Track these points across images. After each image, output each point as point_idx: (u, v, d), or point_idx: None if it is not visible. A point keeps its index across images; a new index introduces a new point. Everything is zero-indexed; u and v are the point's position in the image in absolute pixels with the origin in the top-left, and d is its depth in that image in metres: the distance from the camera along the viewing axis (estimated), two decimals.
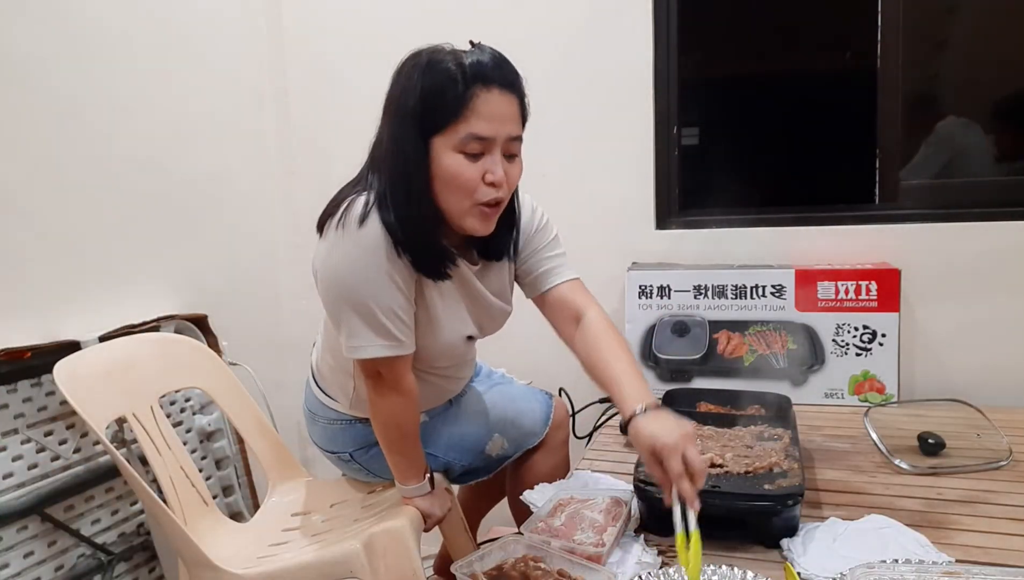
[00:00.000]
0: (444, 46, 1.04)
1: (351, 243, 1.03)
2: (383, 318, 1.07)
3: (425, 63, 1.02)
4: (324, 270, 1.08)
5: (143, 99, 1.63)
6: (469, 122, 1.01)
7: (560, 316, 1.24)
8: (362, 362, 1.11)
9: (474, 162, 1.03)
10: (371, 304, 1.06)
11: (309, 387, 1.36)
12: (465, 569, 0.93)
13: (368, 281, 1.05)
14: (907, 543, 0.96)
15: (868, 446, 1.33)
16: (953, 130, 1.86)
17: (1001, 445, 1.29)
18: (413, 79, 1.02)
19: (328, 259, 1.07)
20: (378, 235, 1.03)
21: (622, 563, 0.96)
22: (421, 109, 1.01)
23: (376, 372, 1.12)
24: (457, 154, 1.02)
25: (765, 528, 1.00)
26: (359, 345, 1.08)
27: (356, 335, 1.08)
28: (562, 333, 1.25)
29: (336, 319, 1.10)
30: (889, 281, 1.62)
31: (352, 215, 1.04)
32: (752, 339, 1.71)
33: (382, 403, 1.15)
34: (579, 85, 1.84)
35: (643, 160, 1.84)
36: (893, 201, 1.78)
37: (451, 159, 1.02)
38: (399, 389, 1.13)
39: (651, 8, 1.78)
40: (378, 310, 1.06)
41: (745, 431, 1.27)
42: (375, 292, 1.06)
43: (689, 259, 1.80)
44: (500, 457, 1.35)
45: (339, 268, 1.06)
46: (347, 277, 1.06)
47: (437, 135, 1.02)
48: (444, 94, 1.00)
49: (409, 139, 1.03)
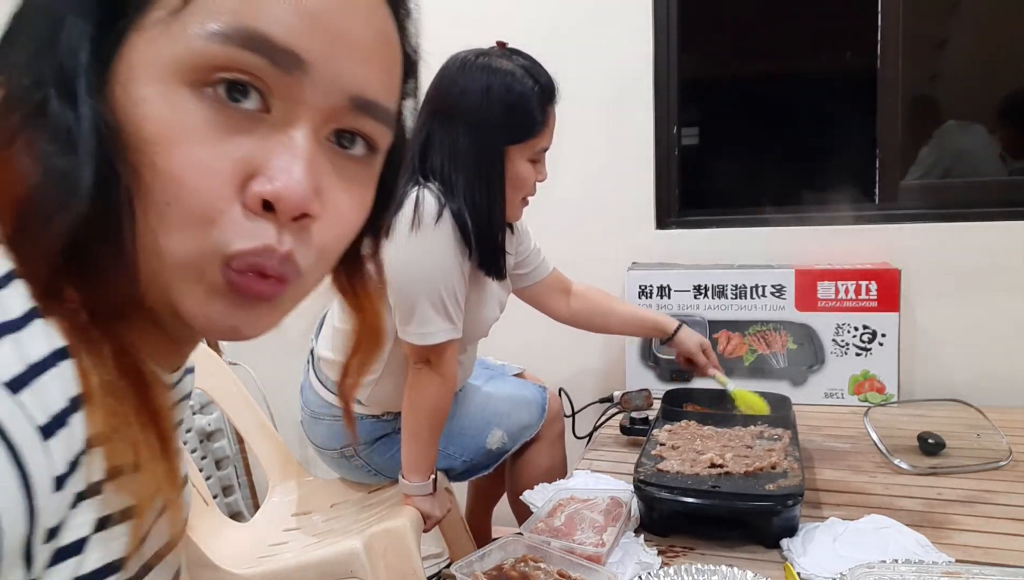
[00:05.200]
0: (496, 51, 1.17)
1: (433, 240, 1.12)
2: (451, 306, 1.16)
3: (502, 78, 1.13)
4: (405, 266, 1.14)
5: None
6: (542, 138, 1.18)
7: (552, 295, 1.48)
8: (414, 349, 1.18)
9: (533, 166, 1.20)
10: (444, 294, 1.15)
11: (311, 388, 1.37)
12: (465, 569, 0.93)
13: (447, 274, 1.15)
14: (907, 543, 0.96)
15: (868, 446, 1.33)
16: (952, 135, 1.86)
17: (1001, 445, 1.29)
18: (492, 91, 1.13)
19: (409, 256, 1.13)
20: (453, 231, 1.14)
21: (622, 563, 0.96)
22: (504, 122, 1.14)
23: (426, 358, 1.19)
24: (528, 162, 1.18)
25: (765, 528, 1.00)
26: (430, 331, 1.16)
27: (428, 323, 1.15)
28: (554, 308, 1.49)
29: (409, 311, 1.16)
30: (889, 281, 1.62)
31: (427, 213, 1.12)
32: (752, 339, 1.71)
33: (423, 390, 1.20)
34: (579, 85, 1.83)
35: (643, 160, 1.84)
36: (893, 201, 1.78)
37: (523, 167, 1.18)
38: (444, 373, 1.20)
39: (651, 8, 1.78)
40: (448, 299, 1.16)
41: (745, 431, 1.27)
42: (450, 283, 1.16)
43: (689, 259, 1.80)
44: (499, 451, 1.37)
45: (423, 264, 1.14)
46: (429, 272, 1.14)
47: (515, 145, 1.16)
48: (528, 113, 1.15)
49: (493, 148, 1.16)
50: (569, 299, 1.50)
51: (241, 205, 0.35)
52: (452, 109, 1.15)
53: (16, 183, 0.34)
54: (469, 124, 1.14)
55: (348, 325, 0.51)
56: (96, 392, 0.34)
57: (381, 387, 1.28)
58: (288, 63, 0.36)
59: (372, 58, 0.39)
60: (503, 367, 1.59)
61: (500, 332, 1.38)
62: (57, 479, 0.32)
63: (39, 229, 0.33)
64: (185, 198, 0.34)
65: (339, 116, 0.38)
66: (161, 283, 0.36)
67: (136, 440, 0.36)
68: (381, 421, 1.32)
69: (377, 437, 1.33)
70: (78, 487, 0.34)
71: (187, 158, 0.34)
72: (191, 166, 0.34)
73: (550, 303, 1.49)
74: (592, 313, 1.50)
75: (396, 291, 1.16)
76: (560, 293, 1.50)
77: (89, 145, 0.33)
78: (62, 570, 0.34)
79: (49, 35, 0.34)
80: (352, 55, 0.38)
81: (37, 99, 0.34)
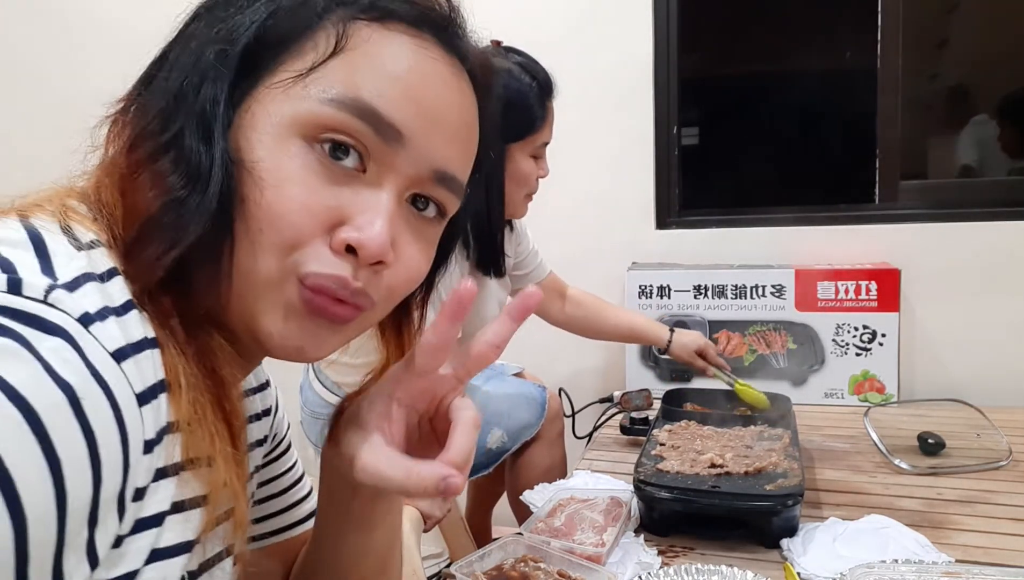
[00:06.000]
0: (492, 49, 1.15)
1: None
2: None
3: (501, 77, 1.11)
4: None
5: None
6: (543, 133, 1.18)
7: (547, 298, 1.48)
8: None
9: (535, 161, 1.19)
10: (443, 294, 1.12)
11: (311, 389, 1.37)
12: (465, 569, 0.93)
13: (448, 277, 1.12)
14: (907, 543, 0.96)
15: (868, 446, 1.33)
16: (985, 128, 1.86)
17: (1001, 445, 1.29)
18: None
19: None
20: None
21: (622, 563, 0.96)
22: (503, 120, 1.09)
23: None
24: (530, 158, 1.18)
25: (765, 528, 1.00)
26: None
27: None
28: (549, 311, 1.51)
29: None
30: (889, 281, 1.62)
31: None
32: (752, 339, 1.71)
33: None
34: (579, 85, 1.83)
35: (643, 160, 1.84)
36: (893, 201, 1.78)
37: (525, 163, 1.17)
38: None
39: (651, 8, 1.78)
40: None
41: (745, 431, 1.27)
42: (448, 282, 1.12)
43: (689, 259, 1.80)
44: (499, 450, 1.37)
45: None
46: None
47: (516, 142, 1.15)
48: (528, 109, 1.14)
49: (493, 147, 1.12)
50: (564, 303, 1.52)
51: (327, 246, 0.41)
52: None
53: (142, 204, 0.39)
54: None
55: None
56: (179, 382, 0.39)
57: None
58: (389, 135, 0.42)
59: (457, 139, 0.46)
60: (502, 367, 1.59)
61: None
62: (147, 443, 0.36)
63: (157, 244, 0.39)
64: (279, 228, 0.40)
65: (421, 184, 0.45)
66: (245, 302, 0.41)
67: (211, 433, 0.40)
68: None
69: None
70: (160, 462, 0.38)
71: (289, 196, 0.40)
72: (291, 203, 0.40)
73: (545, 306, 1.51)
74: (585, 319, 1.52)
75: None
76: (556, 296, 1.51)
77: (219, 180, 0.39)
78: (143, 539, 0.37)
79: (196, 84, 0.41)
80: (442, 135, 0.44)
81: (167, 138, 0.40)
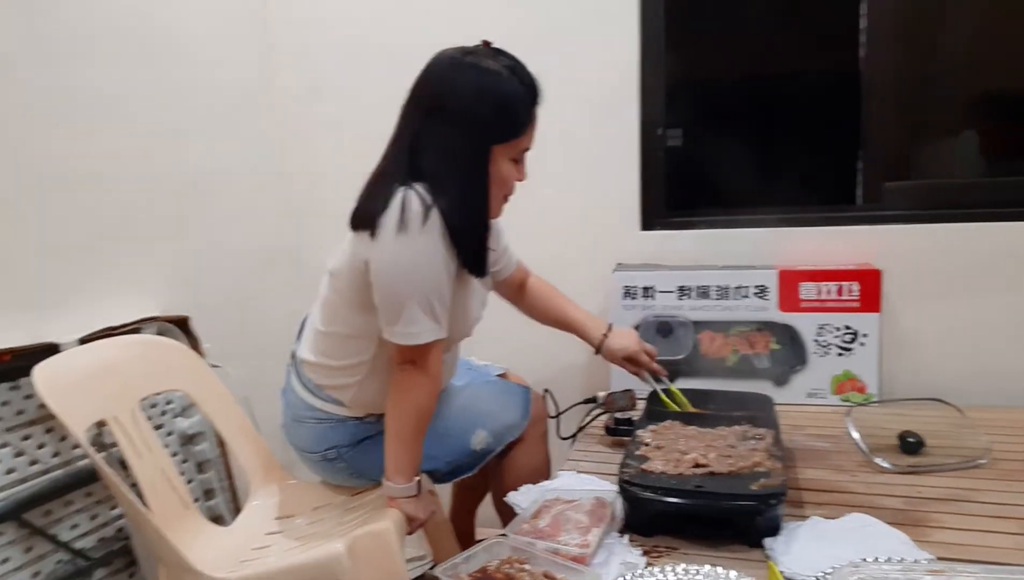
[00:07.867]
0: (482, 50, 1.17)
1: (420, 242, 1.12)
2: (437, 306, 1.16)
3: (493, 78, 1.14)
4: (394, 267, 1.14)
5: (127, 97, 1.61)
6: (526, 137, 1.20)
7: (510, 286, 1.52)
8: (400, 349, 1.18)
9: (515, 165, 1.21)
10: (431, 295, 1.15)
11: (293, 392, 1.35)
12: (450, 571, 0.93)
13: (434, 275, 1.15)
14: (888, 541, 0.97)
15: (849, 445, 1.34)
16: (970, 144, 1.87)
17: (980, 444, 1.31)
18: (484, 91, 1.14)
19: (398, 257, 1.13)
20: (440, 231, 1.13)
21: (607, 564, 0.97)
22: (492, 121, 1.15)
23: (412, 359, 1.18)
24: (510, 162, 1.19)
25: (748, 527, 1.01)
26: (416, 331, 1.15)
27: (414, 323, 1.15)
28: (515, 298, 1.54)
29: (396, 311, 1.15)
30: (871, 282, 1.63)
31: (414, 214, 1.11)
32: (735, 339, 1.72)
33: (408, 390, 1.20)
34: (565, 86, 1.82)
35: (629, 162, 1.84)
36: (876, 202, 1.79)
37: (506, 166, 1.19)
38: (430, 372, 1.20)
39: (638, 9, 1.79)
40: (435, 300, 1.16)
41: (728, 431, 1.28)
42: (437, 284, 1.16)
43: (675, 260, 1.81)
44: (484, 451, 1.37)
45: (409, 265, 1.13)
46: (417, 273, 1.14)
47: (500, 144, 1.16)
48: (516, 114, 1.16)
49: (479, 147, 1.17)
50: (524, 293, 1.55)
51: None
52: (443, 108, 1.15)
53: None
54: (461, 123, 1.15)
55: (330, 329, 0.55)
56: None
57: (364, 389, 1.28)
58: None
59: None
60: (486, 367, 1.59)
61: (484, 332, 1.38)
62: None
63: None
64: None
65: None
66: None
67: None
68: (364, 423, 1.31)
69: (360, 439, 1.32)
70: None
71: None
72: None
73: (514, 294, 1.55)
74: (533, 306, 1.54)
75: (382, 292, 1.16)
76: (516, 287, 1.54)
77: None
78: None
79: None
80: None
81: None
